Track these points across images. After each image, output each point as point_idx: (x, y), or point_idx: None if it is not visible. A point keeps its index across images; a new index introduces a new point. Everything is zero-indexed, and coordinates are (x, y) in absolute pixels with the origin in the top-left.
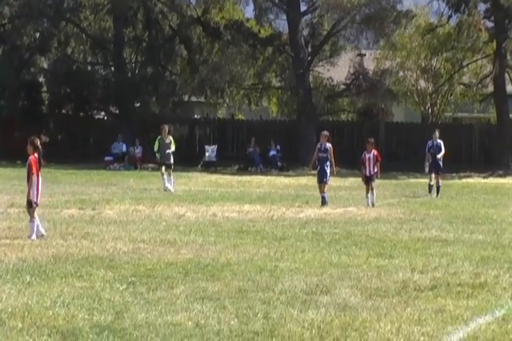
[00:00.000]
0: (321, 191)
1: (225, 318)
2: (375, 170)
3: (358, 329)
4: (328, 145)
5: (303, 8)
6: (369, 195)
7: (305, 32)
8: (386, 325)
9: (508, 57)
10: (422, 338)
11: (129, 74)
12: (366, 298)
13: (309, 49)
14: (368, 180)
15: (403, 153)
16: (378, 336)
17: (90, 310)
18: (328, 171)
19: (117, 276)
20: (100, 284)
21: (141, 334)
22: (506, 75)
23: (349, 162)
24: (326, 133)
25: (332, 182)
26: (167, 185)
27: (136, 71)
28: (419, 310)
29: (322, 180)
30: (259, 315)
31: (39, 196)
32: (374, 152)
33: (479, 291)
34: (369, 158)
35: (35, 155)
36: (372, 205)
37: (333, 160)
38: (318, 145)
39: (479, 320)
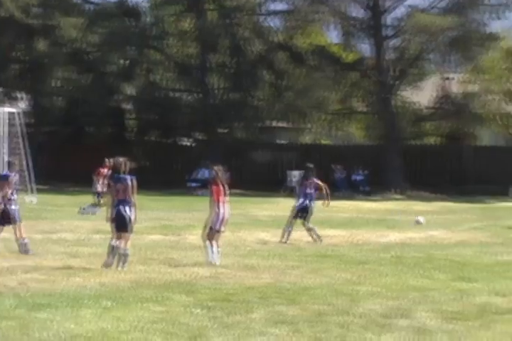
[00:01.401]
0: None
1: None
2: None
3: None
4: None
5: (389, 32)
6: None
7: (390, 56)
8: None
9: None
10: None
11: (214, 100)
12: (445, 322)
13: (394, 73)
14: None
15: (489, 177)
16: None
17: (167, 334)
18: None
19: (195, 301)
20: (178, 309)
21: None
22: None
23: (435, 186)
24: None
25: None
26: None
27: (221, 97)
28: (497, 334)
29: None
30: (335, 339)
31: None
32: None
33: None
34: None
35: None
36: None
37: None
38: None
39: None
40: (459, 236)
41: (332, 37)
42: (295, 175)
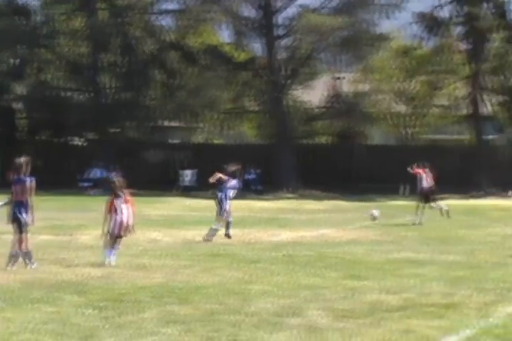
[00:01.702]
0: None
1: None
2: None
3: None
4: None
5: (280, 31)
6: None
7: (282, 55)
8: None
9: (484, 79)
10: None
11: (106, 100)
12: (336, 320)
13: (286, 72)
14: None
15: (380, 175)
16: None
17: (58, 335)
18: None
19: (87, 301)
20: (69, 309)
21: None
22: (482, 97)
23: (326, 185)
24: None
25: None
26: None
27: (113, 96)
28: (387, 331)
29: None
30: (227, 338)
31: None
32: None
33: (449, 311)
34: None
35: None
36: None
37: None
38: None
39: (447, 339)
40: (350, 234)
41: (224, 36)
42: (187, 174)
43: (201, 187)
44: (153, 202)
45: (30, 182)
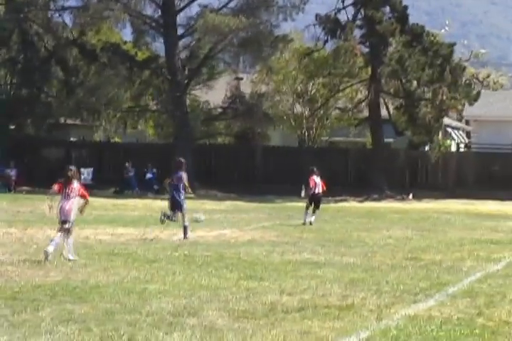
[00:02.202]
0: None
1: (90, 340)
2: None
3: None
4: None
5: (180, 31)
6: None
7: (182, 55)
8: None
9: (383, 82)
10: None
11: (4, 96)
12: (233, 320)
13: (186, 72)
14: None
15: (280, 177)
16: None
17: None
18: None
19: None
20: None
21: None
22: (381, 100)
23: (225, 185)
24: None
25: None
26: None
27: (11, 92)
28: (284, 332)
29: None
30: (124, 337)
31: None
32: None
33: (346, 313)
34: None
35: None
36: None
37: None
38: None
39: None
40: (248, 235)
41: (125, 34)
42: (88, 172)
43: (98, 186)
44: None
45: None
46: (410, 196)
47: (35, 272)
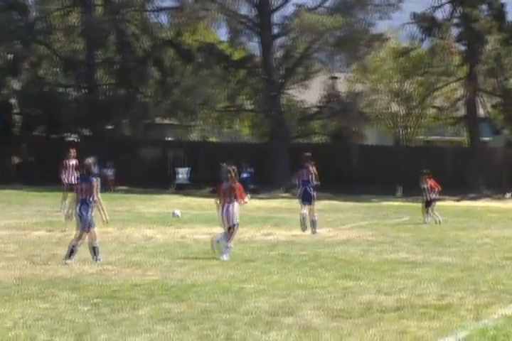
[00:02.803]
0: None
1: (187, 339)
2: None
3: None
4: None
5: (275, 30)
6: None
7: (278, 54)
8: None
9: (480, 81)
10: None
11: (101, 96)
12: (330, 319)
13: (282, 71)
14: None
15: (376, 176)
16: None
17: (52, 331)
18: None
19: (81, 298)
20: (63, 305)
21: None
22: (478, 99)
23: (321, 185)
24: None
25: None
26: None
27: (108, 93)
28: (382, 332)
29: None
30: (221, 336)
31: None
32: (430, 183)
33: (443, 313)
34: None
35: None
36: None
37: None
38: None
39: None
40: (344, 234)
41: (221, 34)
42: (185, 172)
43: (194, 185)
44: (147, 199)
45: (95, 181)
46: (508, 195)
47: (133, 271)
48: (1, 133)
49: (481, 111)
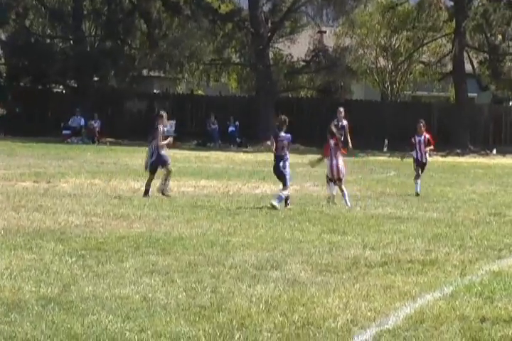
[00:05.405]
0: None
1: (173, 292)
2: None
3: (305, 305)
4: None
5: None
6: (418, 180)
7: (265, 8)
8: (334, 301)
9: (467, 37)
10: (369, 314)
11: (88, 48)
12: (316, 274)
13: (269, 25)
14: (420, 166)
15: (361, 131)
16: (325, 311)
17: (37, 282)
18: None
19: (67, 249)
20: (49, 257)
21: (88, 306)
22: (465, 54)
23: (307, 139)
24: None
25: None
26: None
27: (95, 45)
28: (367, 286)
29: None
30: (207, 289)
31: None
32: (425, 135)
33: (429, 268)
34: (419, 141)
35: None
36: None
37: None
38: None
39: (427, 296)
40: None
41: None
42: (171, 124)
43: (180, 138)
44: (133, 151)
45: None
46: (494, 151)
47: (119, 223)
48: None
49: (468, 67)
